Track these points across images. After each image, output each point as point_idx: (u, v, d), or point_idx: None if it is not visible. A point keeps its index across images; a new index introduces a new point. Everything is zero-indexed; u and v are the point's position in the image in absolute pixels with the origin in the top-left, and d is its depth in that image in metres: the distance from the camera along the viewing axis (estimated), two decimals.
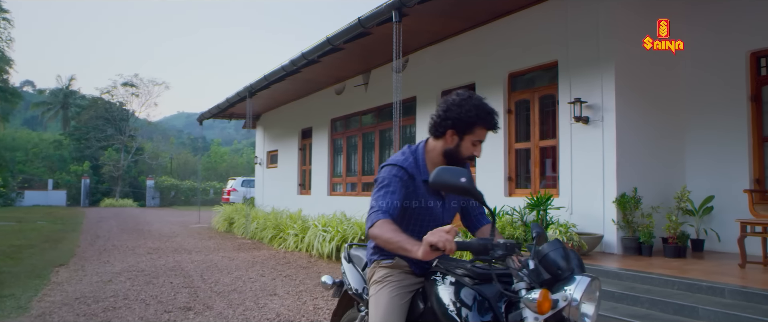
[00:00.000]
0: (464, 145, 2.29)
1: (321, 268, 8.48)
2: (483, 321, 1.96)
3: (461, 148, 2.29)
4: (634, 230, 6.77)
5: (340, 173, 13.60)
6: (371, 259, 2.47)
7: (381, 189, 2.24)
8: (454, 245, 1.86)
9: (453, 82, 9.74)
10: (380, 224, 2.11)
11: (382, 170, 2.31)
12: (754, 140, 6.99)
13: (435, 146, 2.35)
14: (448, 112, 2.25)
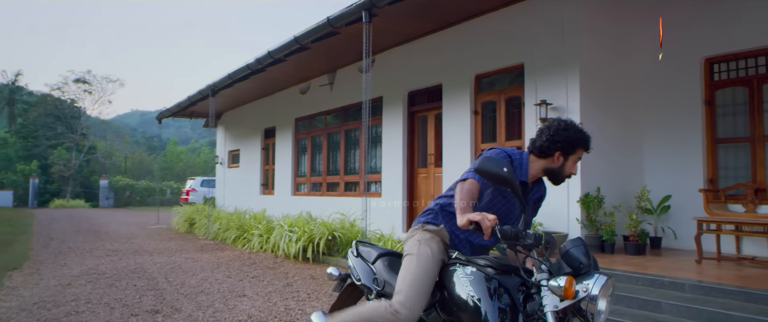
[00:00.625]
0: (568, 165, 2.63)
1: (288, 269, 8.41)
2: (501, 307, 2.12)
3: (565, 167, 2.63)
4: (597, 228, 6.99)
5: (305, 173, 13.52)
6: (419, 220, 2.78)
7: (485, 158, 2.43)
8: (489, 231, 2.13)
9: (420, 83, 9.84)
10: (470, 182, 2.48)
11: (494, 150, 2.62)
12: (708, 142, 7.32)
13: (536, 162, 2.65)
14: (556, 137, 2.57)
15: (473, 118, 8.71)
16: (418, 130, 10.12)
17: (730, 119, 7.23)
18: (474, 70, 8.71)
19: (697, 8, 7.34)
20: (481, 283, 2.19)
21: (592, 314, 1.97)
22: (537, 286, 2.12)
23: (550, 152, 2.58)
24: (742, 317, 4.10)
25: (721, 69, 7.28)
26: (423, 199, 9.87)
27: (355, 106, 11.67)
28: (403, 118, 10.10)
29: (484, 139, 8.63)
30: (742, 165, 7.06)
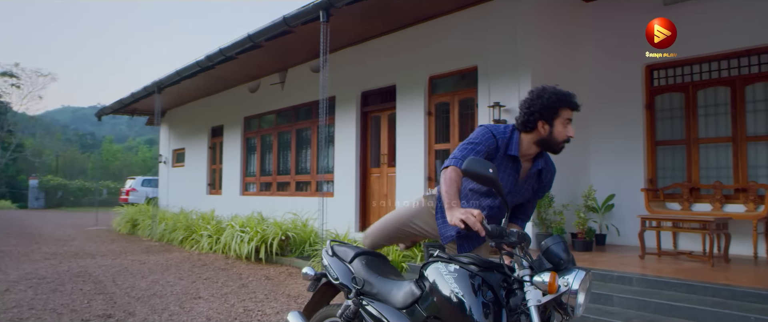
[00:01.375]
0: (557, 130, 2.54)
1: (241, 270, 8.29)
2: (485, 303, 2.19)
3: (554, 134, 2.55)
4: (547, 226, 7.26)
5: (254, 173, 13.32)
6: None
7: (469, 144, 2.58)
8: (480, 228, 2.15)
9: (373, 83, 9.90)
10: (452, 169, 2.46)
11: (478, 129, 2.62)
12: (648, 144, 7.74)
13: (525, 138, 2.60)
14: (532, 107, 2.53)
15: (427, 119, 8.85)
16: (371, 130, 10.18)
17: (667, 123, 7.68)
18: (428, 72, 8.85)
19: (639, 17, 7.73)
20: (465, 280, 2.27)
21: (572, 307, 2.09)
22: (519, 282, 2.21)
23: (532, 124, 2.55)
24: (685, 308, 4.39)
25: (660, 75, 7.72)
26: (376, 198, 9.95)
27: (306, 106, 11.62)
28: (357, 118, 10.14)
29: (437, 140, 8.78)
30: (679, 166, 7.51)
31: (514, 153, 2.59)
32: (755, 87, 6.91)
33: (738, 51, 6.95)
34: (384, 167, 9.82)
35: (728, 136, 7.09)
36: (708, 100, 7.30)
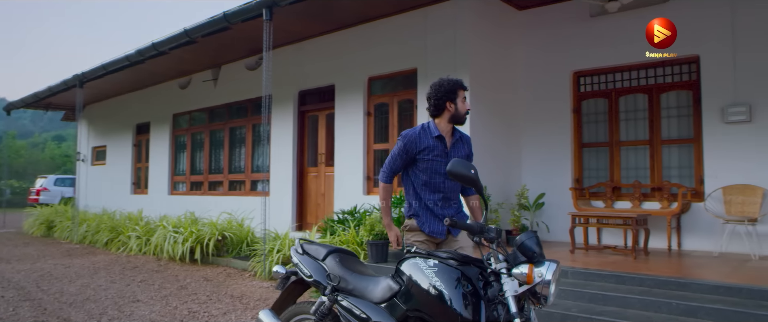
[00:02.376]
0: (459, 106, 3.32)
1: (176, 271, 8.07)
2: (465, 294, 2.35)
3: (459, 109, 3.32)
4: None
5: (183, 172, 12.91)
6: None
7: (392, 157, 3.39)
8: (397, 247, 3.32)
9: (312, 83, 9.90)
10: (382, 186, 3.46)
11: (401, 137, 3.34)
12: (575, 146, 8.26)
13: (440, 120, 3.33)
14: (438, 94, 3.30)
15: (366, 119, 8.97)
16: (308, 130, 10.17)
17: (592, 126, 8.23)
18: (367, 73, 8.97)
19: (567, 27, 8.24)
20: (445, 274, 2.41)
21: (544, 296, 2.28)
22: (496, 274, 2.38)
23: (442, 106, 3.29)
24: (616, 297, 4.77)
25: (587, 82, 8.25)
26: (313, 198, 9.96)
27: (241, 104, 11.42)
28: (294, 117, 10.10)
29: (376, 140, 8.92)
30: (603, 166, 8.08)
31: (437, 133, 3.29)
32: (669, 95, 7.56)
33: (654, 62, 7.56)
34: (322, 166, 9.85)
35: (646, 139, 7.70)
36: (628, 106, 7.90)
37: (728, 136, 6.92)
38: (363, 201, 8.54)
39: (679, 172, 7.46)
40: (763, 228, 6.53)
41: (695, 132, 7.28)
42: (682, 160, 7.44)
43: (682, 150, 7.45)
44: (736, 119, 6.81)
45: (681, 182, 7.33)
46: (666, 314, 4.44)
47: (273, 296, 6.37)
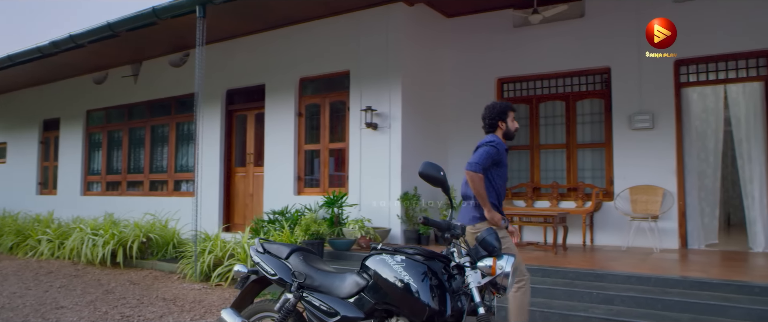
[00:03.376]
0: (509, 124, 4.06)
1: (97, 276, 7.71)
2: (431, 286, 2.53)
3: (509, 127, 4.06)
4: (414, 223, 7.85)
5: (99, 171, 12.26)
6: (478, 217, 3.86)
7: (483, 156, 3.80)
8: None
9: (240, 82, 9.77)
10: (479, 177, 3.73)
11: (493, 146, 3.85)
12: None
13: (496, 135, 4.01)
14: (492, 115, 4.06)
15: (297, 119, 8.99)
16: (236, 129, 10.04)
17: None
18: (299, 74, 9.00)
19: (492, 36, 8.69)
20: (413, 268, 2.58)
21: (504, 286, 2.51)
22: (459, 267, 2.58)
23: (495, 125, 4.03)
24: (543, 289, 5.16)
25: (510, 88, 8.75)
26: (241, 198, 9.84)
27: (164, 101, 11.04)
28: (222, 116, 9.92)
29: (307, 141, 8.97)
30: (524, 168, 8.60)
31: (505, 146, 3.97)
32: (584, 103, 8.19)
33: (571, 71, 8.17)
34: (250, 166, 9.75)
35: (563, 143, 8.29)
36: (547, 112, 8.46)
37: (634, 141, 7.60)
38: (294, 201, 8.56)
39: (592, 173, 8.10)
40: (663, 224, 7.25)
41: (606, 137, 7.94)
42: (595, 162, 8.08)
43: (595, 153, 8.09)
44: (641, 126, 7.50)
45: (594, 182, 7.96)
46: (588, 303, 4.87)
47: (207, 297, 6.28)
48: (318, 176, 8.88)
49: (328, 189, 8.55)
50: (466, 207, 3.91)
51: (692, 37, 7.20)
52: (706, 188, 7.52)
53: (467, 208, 3.91)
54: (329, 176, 8.76)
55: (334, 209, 7.74)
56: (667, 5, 7.43)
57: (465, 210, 3.92)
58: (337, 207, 7.72)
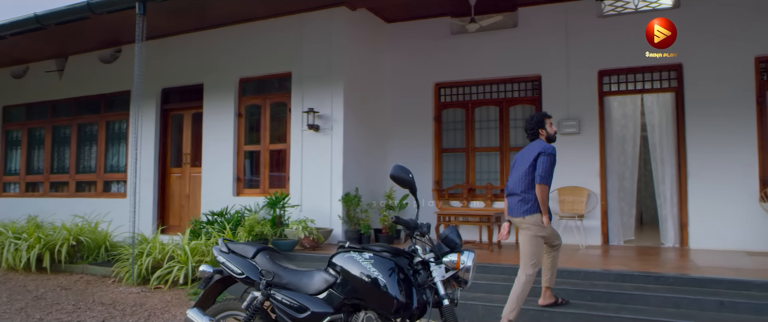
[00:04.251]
0: (548, 130, 4.74)
1: (23, 282, 7.35)
2: (399, 281, 2.71)
3: (549, 132, 4.74)
4: (356, 223, 8.01)
5: (17, 171, 11.56)
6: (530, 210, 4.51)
7: (548, 168, 4.47)
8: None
9: (177, 81, 9.57)
10: (547, 188, 4.47)
11: (550, 154, 4.48)
12: (436, 151, 9.06)
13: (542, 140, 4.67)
14: (532, 125, 4.75)
15: (237, 120, 8.93)
16: (171, 129, 9.81)
17: (451, 133, 9.09)
18: (239, 74, 8.94)
19: (430, 42, 9.00)
20: (381, 264, 2.75)
21: (465, 279, 2.73)
22: (424, 263, 2.78)
23: (536, 133, 4.72)
24: (483, 284, 5.48)
25: (447, 93, 9.10)
26: (177, 199, 9.63)
27: (93, 99, 10.59)
28: (156, 115, 9.66)
29: (247, 142, 8.93)
30: (460, 170, 8.96)
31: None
32: (516, 108, 8.66)
33: (505, 78, 8.62)
34: (187, 166, 9.57)
35: (497, 146, 8.73)
36: (482, 116, 8.87)
37: (562, 146, 8.05)
38: (233, 202, 8.50)
39: None
40: (588, 222, 7.81)
41: None
42: None
43: None
44: (569, 131, 8.04)
45: None
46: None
47: (148, 301, 6.17)
48: (258, 176, 8.85)
49: (269, 190, 8.56)
50: (516, 202, 4.57)
51: (613, 50, 7.83)
52: (625, 189, 8.16)
53: (517, 202, 4.56)
54: (269, 177, 8.76)
55: (276, 209, 7.76)
56: (592, 20, 8.02)
57: (516, 204, 4.58)
58: (279, 208, 7.75)
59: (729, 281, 5.06)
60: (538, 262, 4.53)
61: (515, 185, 4.59)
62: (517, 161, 4.76)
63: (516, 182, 4.58)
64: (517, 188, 4.56)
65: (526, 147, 4.73)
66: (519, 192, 4.54)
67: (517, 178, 4.59)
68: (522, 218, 4.51)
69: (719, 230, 7.20)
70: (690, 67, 7.51)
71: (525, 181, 4.50)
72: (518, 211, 4.55)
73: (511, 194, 4.65)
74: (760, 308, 4.55)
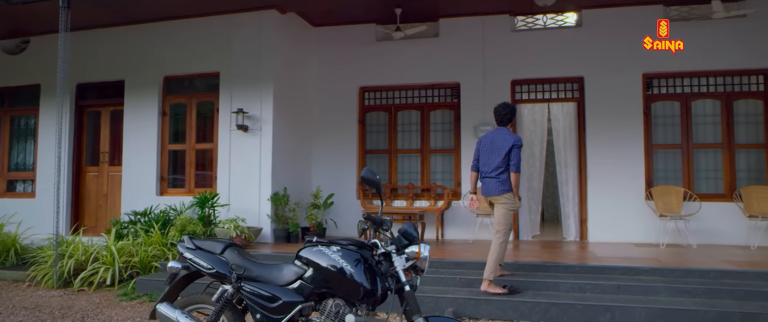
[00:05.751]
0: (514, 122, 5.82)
1: None
2: (364, 269, 3.04)
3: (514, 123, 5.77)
4: (284, 222, 8.21)
5: None
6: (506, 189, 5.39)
7: (519, 157, 5.35)
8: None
9: (95, 76, 9.26)
10: (519, 175, 5.39)
11: (520, 146, 5.37)
12: (360, 152, 9.42)
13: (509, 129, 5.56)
14: (508, 112, 5.56)
15: (161, 118, 8.80)
16: (87, 126, 9.45)
17: (375, 135, 9.50)
18: (164, 72, 8.82)
19: (355, 48, 9.34)
20: (348, 256, 3.06)
21: (422, 268, 3.10)
22: (386, 254, 3.12)
23: (510, 120, 5.58)
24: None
25: (371, 97, 9.50)
26: (94, 198, 9.30)
27: None
28: (71, 111, 9.26)
29: (172, 141, 8.83)
30: (383, 170, 9.39)
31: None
32: (436, 113, 9.23)
33: (426, 84, 9.16)
34: (104, 165, 9.27)
35: (418, 148, 9.25)
36: (404, 120, 9.36)
37: None
38: (157, 202, 8.40)
39: (442, 176, 9.16)
40: None
41: (455, 144, 9.04)
42: (445, 166, 9.15)
43: (445, 158, 9.16)
44: None
45: (445, 184, 9.01)
46: (453, 287, 5.72)
47: (76, 303, 6.05)
48: (183, 176, 8.78)
49: (194, 189, 8.53)
50: (493, 183, 5.42)
51: (525, 62, 8.59)
52: (533, 189, 8.96)
53: (495, 184, 5.41)
54: (195, 176, 8.72)
55: (205, 209, 7.78)
56: (506, 33, 8.75)
57: (494, 184, 5.42)
58: (208, 207, 7.77)
59: (623, 268, 5.85)
60: (508, 230, 5.43)
61: (491, 170, 5.44)
62: (486, 147, 5.55)
63: (492, 168, 5.43)
64: (494, 172, 5.42)
65: (494, 135, 5.55)
66: (495, 176, 5.41)
67: (493, 165, 5.42)
68: (499, 195, 5.39)
69: (613, 225, 8.15)
70: (590, 81, 8.43)
71: (501, 167, 5.38)
72: (496, 190, 5.41)
73: (487, 176, 5.49)
74: (647, 290, 5.34)
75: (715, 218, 7.78)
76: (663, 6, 8.19)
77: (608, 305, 5.04)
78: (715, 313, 4.81)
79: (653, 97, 8.34)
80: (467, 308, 5.33)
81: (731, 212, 7.76)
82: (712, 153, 8.16)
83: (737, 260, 6.30)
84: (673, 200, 7.76)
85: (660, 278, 5.63)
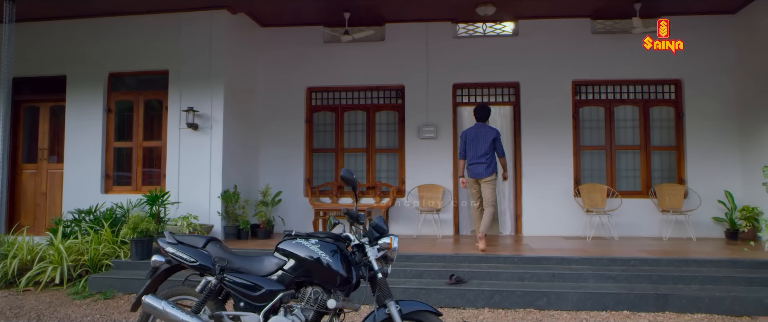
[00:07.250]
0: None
1: None
2: (340, 258, 3.37)
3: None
4: (235, 219, 8.35)
5: None
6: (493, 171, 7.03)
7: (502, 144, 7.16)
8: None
9: (32, 71, 8.98)
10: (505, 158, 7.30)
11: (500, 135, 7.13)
12: (307, 151, 9.67)
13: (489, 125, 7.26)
14: (488, 111, 7.27)
15: (106, 115, 8.70)
16: (24, 122, 9.17)
17: (322, 135, 9.77)
18: (109, 68, 8.71)
19: (305, 48, 9.58)
20: (325, 247, 3.38)
21: (392, 258, 3.46)
22: (359, 246, 3.45)
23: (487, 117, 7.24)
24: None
25: (318, 97, 9.76)
26: (31, 197, 9.05)
27: None
28: (5, 107, 8.92)
29: (117, 138, 8.74)
30: (329, 168, 9.68)
31: None
32: (381, 114, 9.61)
33: (372, 86, 9.53)
34: (43, 162, 9.04)
35: (363, 147, 9.61)
36: (351, 120, 9.69)
37: (421, 148, 9.26)
38: (102, 200, 8.32)
39: (387, 174, 9.57)
40: (444, 216, 9.02)
41: (400, 143, 9.47)
42: (390, 165, 9.57)
43: (390, 157, 9.57)
44: (427, 136, 9.18)
45: (389, 182, 9.43)
46: (404, 278, 6.13)
47: (26, 303, 6.01)
48: (130, 173, 8.72)
49: (142, 187, 8.51)
50: (483, 168, 6.95)
51: (466, 67, 9.14)
52: None
53: (484, 168, 6.95)
54: (143, 174, 8.69)
55: (155, 207, 7.80)
56: (449, 40, 9.26)
57: (483, 168, 6.96)
58: (158, 205, 7.80)
59: (556, 259, 6.47)
60: (496, 202, 7.26)
61: (479, 156, 6.96)
62: (473, 138, 7.05)
63: (480, 156, 6.95)
64: (482, 158, 6.95)
65: (477, 128, 7.13)
66: (484, 161, 6.94)
67: (480, 152, 6.95)
68: (488, 176, 6.97)
69: (545, 220, 8.84)
70: (525, 86, 9.09)
71: (488, 153, 6.95)
72: (486, 173, 6.96)
73: (477, 163, 6.97)
74: (578, 277, 5.97)
75: (633, 213, 8.63)
76: (590, 19, 8.95)
77: (544, 291, 5.62)
78: (635, 295, 5.49)
79: (581, 102, 9.11)
80: (418, 297, 5.72)
81: (647, 208, 8.62)
82: (632, 154, 9.02)
83: (652, 250, 7.10)
84: (598, 197, 8.53)
85: (588, 266, 6.28)
